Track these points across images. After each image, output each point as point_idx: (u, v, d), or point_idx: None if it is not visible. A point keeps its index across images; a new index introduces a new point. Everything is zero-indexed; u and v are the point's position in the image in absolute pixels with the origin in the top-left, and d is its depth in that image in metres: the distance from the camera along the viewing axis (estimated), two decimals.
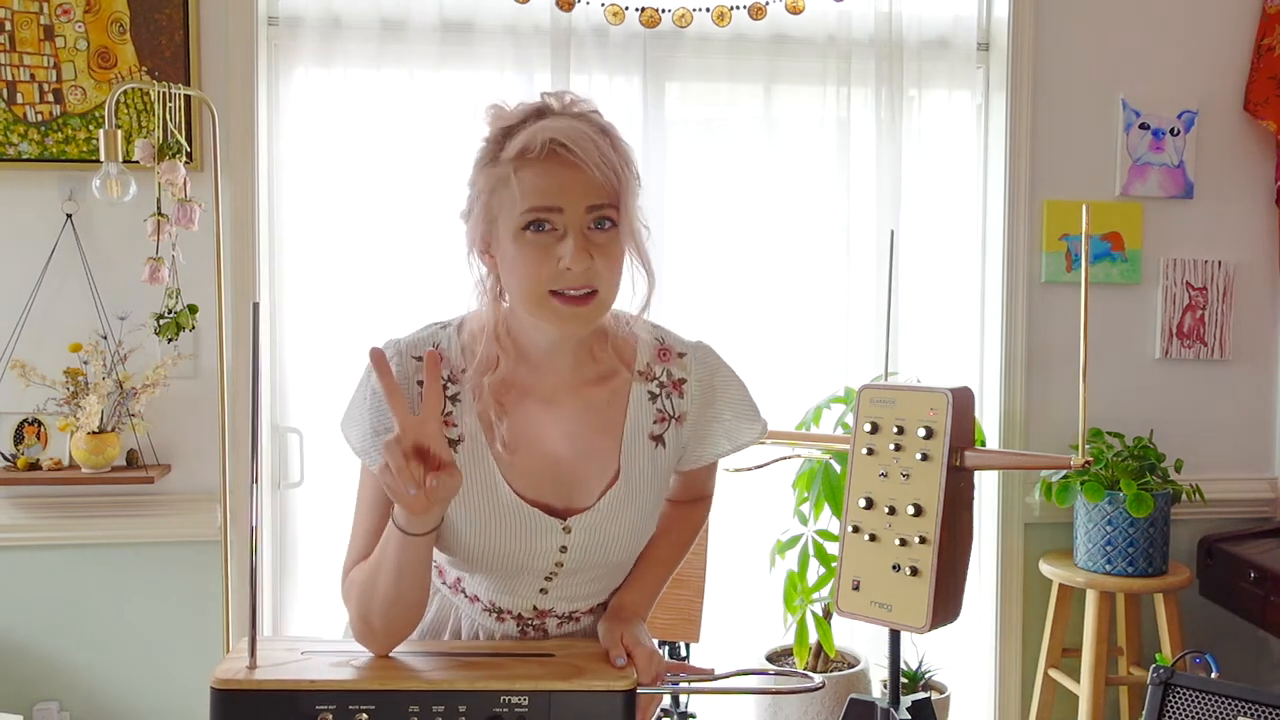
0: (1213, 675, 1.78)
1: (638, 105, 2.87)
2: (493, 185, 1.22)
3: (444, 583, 1.42)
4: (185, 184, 2.49)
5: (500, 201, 1.22)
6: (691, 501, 1.53)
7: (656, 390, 1.35)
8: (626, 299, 1.32)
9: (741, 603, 2.90)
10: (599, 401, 1.33)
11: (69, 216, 2.64)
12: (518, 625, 1.39)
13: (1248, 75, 2.99)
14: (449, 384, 1.30)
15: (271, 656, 1.23)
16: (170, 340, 2.57)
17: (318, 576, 2.86)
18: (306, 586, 2.88)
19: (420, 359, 1.29)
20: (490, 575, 1.35)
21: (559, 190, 1.18)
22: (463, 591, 1.40)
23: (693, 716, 2.31)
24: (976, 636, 3.05)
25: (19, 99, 2.60)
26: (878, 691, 2.78)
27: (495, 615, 1.39)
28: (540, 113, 1.22)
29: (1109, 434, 2.87)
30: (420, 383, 1.27)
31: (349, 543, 1.35)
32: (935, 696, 2.82)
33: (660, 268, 2.89)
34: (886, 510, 1.33)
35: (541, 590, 1.36)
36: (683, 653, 2.24)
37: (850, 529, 1.36)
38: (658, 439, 1.35)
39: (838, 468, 2.65)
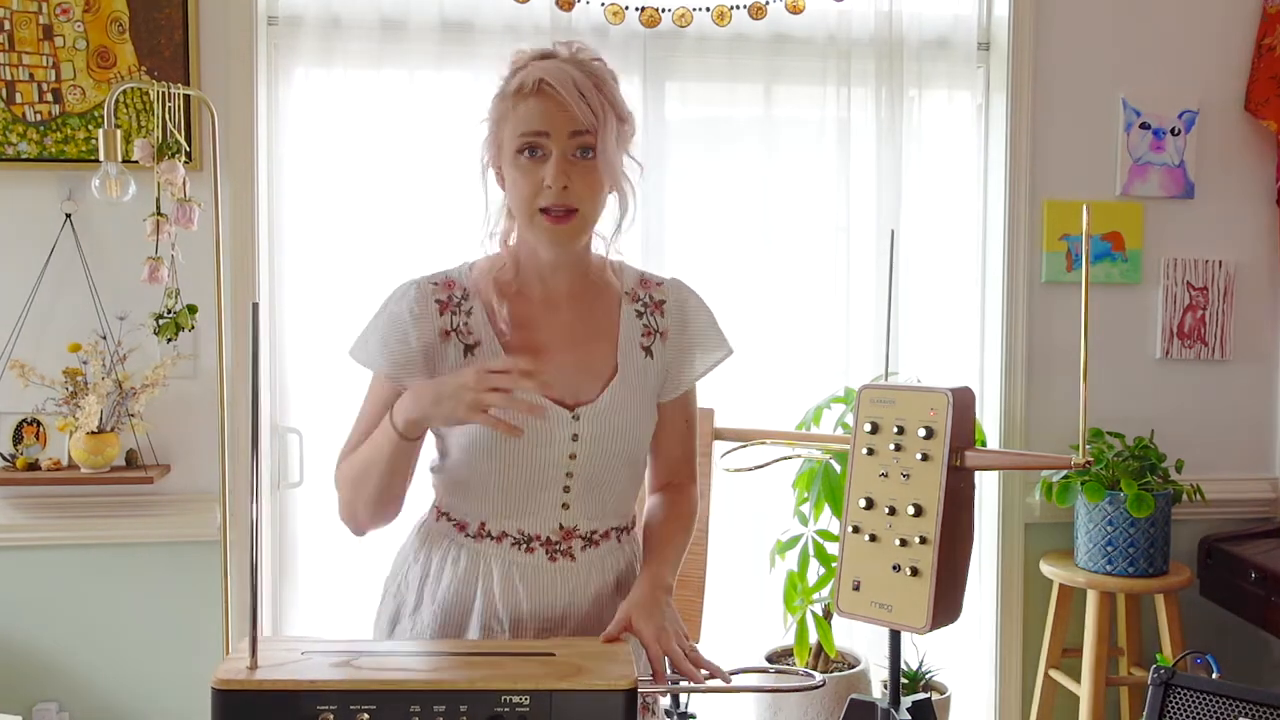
0: (1213, 676, 1.78)
1: (638, 105, 2.84)
2: (500, 115, 1.44)
3: (468, 535, 1.50)
4: (184, 184, 2.49)
5: (504, 130, 1.43)
6: (678, 486, 1.63)
7: (641, 309, 1.56)
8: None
9: (741, 603, 2.90)
10: (595, 312, 1.53)
11: (68, 216, 2.64)
12: (547, 553, 1.48)
13: (1248, 75, 2.98)
14: (463, 301, 1.49)
15: (272, 657, 1.22)
16: (170, 340, 2.57)
17: (318, 577, 2.86)
18: (306, 587, 2.88)
19: (436, 284, 1.49)
20: (513, 486, 1.46)
21: (547, 118, 1.39)
22: (489, 535, 1.49)
23: (693, 716, 2.30)
24: (977, 637, 3.05)
25: (18, 98, 2.59)
26: (878, 692, 2.78)
27: (524, 547, 1.48)
28: (545, 56, 1.43)
29: (1109, 434, 2.87)
30: (438, 301, 1.48)
31: (349, 434, 1.52)
32: (936, 697, 2.82)
33: (661, 267, 2.90)
34: (887, 510, 1.33)
35: (564, 505, 1.48)
36: None
37: (850, 529, 1.36)
38: (646, 350, 1.54)
39: (838, 468, 2.64)
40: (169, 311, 2.56)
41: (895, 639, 1.38)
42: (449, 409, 1.32)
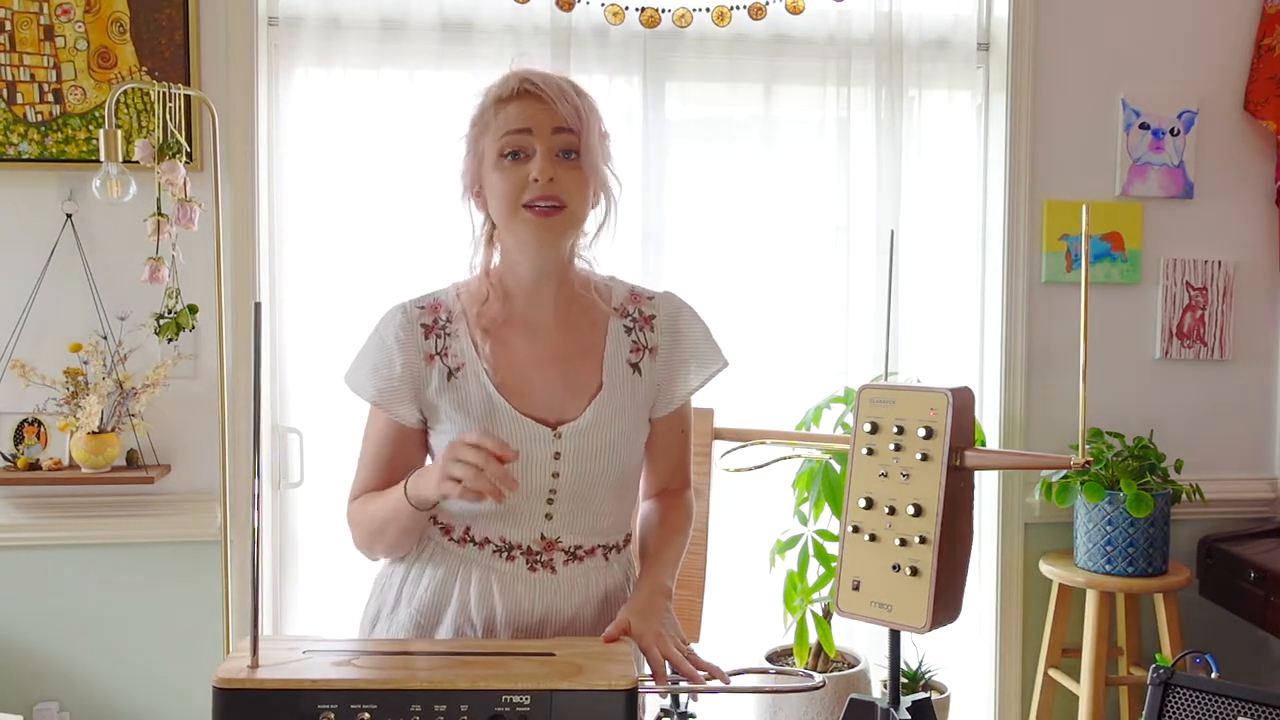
0: (1213, 675, 1.78)
1: (638, 105, 2.87)
2: (479, 129, 1.45)
3: (452, 539, 1.51)
4: (185, 184, 2.49)
5: (485, 140, 1.43)
6: (673, 492, 1.62)
7: (630, 325, 1.54)
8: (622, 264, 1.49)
9: (741, 603, 2.90)
10: (580, 329, 1.51)
11: (69, 216, 2.64)
12: (527, 562, 1.48)
13: (1248, 75, 2.99)
14: (448, 324, 1.49)
15: (273, 656, 1.23)
16: (170, 340, 2.57)
17: (318, 576, 2.86)
18: (307, 586, 2.88)
19: (423, 307, 1.51)
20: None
21: (530, 116, 1.40)
22: (471, 540, 1.50)
23: (692, 716, 2.31)
24: (976, 636, 3.05)
25: (19, 99, 2.60)
26: (878, 691, 2.78)
27: (505, 555, 1.48)
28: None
29: (1109, 434, 2.87)
30: (423, 325, 1.49)
31: (356, 469, 1.55)
32: (935, 696, 2.82)
33: (660, 267, 2.90)
34: (886, 510, 1.33)
35: (546, 516, 1.48)
36: None
37: (850, 529, 1.36)
38: (635, 366, 1.52)
39: (838, 468, 2.65)
40: (169, 311, 2.56)
41: (895, 639, 1.38)
42: (433, 485, 1.34)
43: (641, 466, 1.59)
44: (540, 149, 1.39)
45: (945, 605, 1.30)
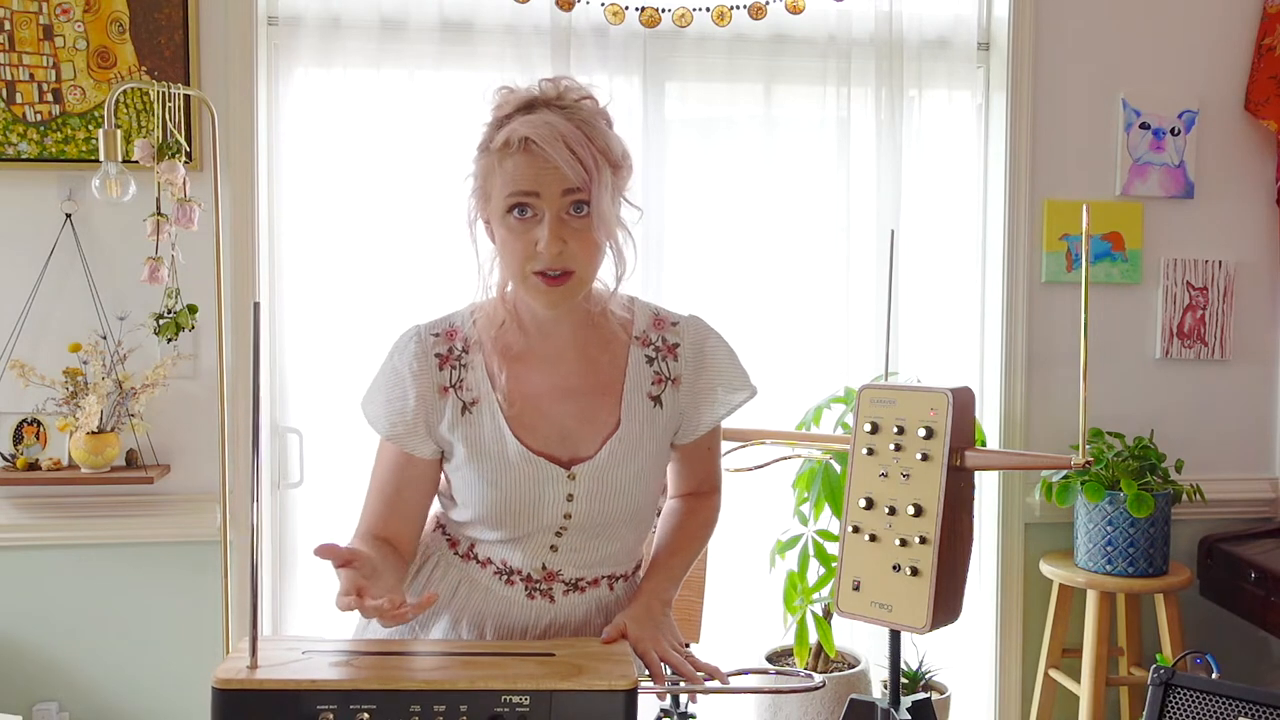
0: (1213, 676, 1.78)
1: (638, 105, 2.87)
2: (486, 170, 1.37)
3: (456, 553, 1.49)
4: (185, 184, 2.49)
5: (492, 185, 1.36)
6: (701, 494, 1.59)
7: (653, 354, 1.47)
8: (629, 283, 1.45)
9: (741, 603, 2.89)
10: (599, 363, 1.45)
11: (68, 216, 2.64)
12: (525, 589, 1.46)
13: (1248, 75, 2.98)
14: (463, 354, 1.43)
15: (273, 656, 1.23)
16: (170, 340, 2.57)
17: (317, 576, 2.86)
18: (306, 586, 2.88)
19: (438, 334, 1.45)
20: (504, 531, 1.43)
21: (535, 178, 1.31)
22: (475, 558, 1.48)
23: (692, 717, 2.30)
24: (977, 637, 3.05)
25: (18, 99, 2.59)
26: (878, 692, 2.78)
27: (505, 579, 1.46)
28: (530, 105, 1.34)
29: (1109, 434, 2.87)
30: (438, 355, 1.43)
31: (366, 494, 1.49)
32: (935, 697, 2.82)
33: (660, 267, 2.91)
34: (887, 510, 1.33)
35: (552, 548, 1.44)
36: None
37: (850, 529, 1.36)
38: (655, 399, 1.46)
39: (838, 468, 2.64)
40: (169, 311, 2.56)
41: (895, 639, 1.38)
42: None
43: (658, 496, 1.55)
44: (549, 214, 1.31)
45: (945, 605, 1.30)
